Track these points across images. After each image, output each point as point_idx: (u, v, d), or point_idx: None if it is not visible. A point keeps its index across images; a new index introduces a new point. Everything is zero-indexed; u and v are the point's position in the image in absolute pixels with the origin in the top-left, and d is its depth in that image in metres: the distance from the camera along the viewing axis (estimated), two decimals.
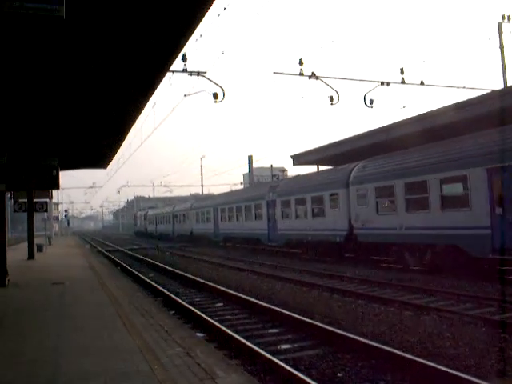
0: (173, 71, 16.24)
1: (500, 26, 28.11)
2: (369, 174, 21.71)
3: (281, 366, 7.38)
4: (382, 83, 21.09)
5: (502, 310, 11.32)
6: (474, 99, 21.86)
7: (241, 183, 77.32)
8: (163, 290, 16.05)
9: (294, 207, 28.33)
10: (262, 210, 32.84)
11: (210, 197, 52.56)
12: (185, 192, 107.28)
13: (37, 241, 31.50)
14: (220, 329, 10.03)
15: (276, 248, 31.49)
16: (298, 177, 30.32)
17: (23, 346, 7.74)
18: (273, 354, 8.22)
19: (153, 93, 14.26)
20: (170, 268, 23.36)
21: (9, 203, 27.68)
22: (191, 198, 78.88)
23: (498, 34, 28.10)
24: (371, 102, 21.07)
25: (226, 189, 72.94)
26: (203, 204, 48.95)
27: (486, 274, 15.61)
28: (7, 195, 27.22)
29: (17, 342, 8.06)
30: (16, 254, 32.06)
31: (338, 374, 7.36)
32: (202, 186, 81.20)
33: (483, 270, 16.14)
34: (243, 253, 33.89)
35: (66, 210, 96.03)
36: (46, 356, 6.98)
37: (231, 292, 14.94)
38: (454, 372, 6.72)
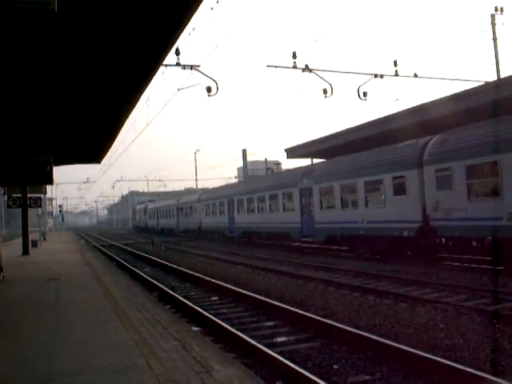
0: (166, 65, 16.21)
1: (493, 17, 28.18)
2: (455, 150, 16.95)
3: (277, 359, 7.40)
4: (376, 76, 21.12)
5: (496, 300, 11.38)
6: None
7: (235, 177, 77.33)
8: (159, 284, 16.06)
9: (338, 195, 23.30)
10: (292, 200, 27.89)
11: (223, 187, 47.26)
12: (179, 186, 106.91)
13: (31, 237, 31.41)
14: (216, 322, 10.05)
15: (311, 244, 27.66)
16: (342, 159, 24.73)
17: (18, 341, 7.72)
18: (269, 346, 8.25)
19: (146, 87, 14.22)
20: (169, 263, 23.33)
21: (2, 199, 27.62)
22: (186, 192, 78.36)
23: (491, 26, 28.16)
24: (365, 94, 21.11)
25: (220, 183, 72.50)
26: (215, 195, 43.40)
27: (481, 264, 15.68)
28: (1, 191, 27.15)
29: (12, 338, 8.04)
30: (10, 249, 31.94)
31: (334, 366, 7.38)
32: (196, 180, 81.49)
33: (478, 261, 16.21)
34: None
35: (60, 206, 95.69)
36: (42, 351, 6.97)
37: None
38: (449, 362, 6.76)
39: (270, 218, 30.86)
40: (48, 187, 39.29)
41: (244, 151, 55.67)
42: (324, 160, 28.78)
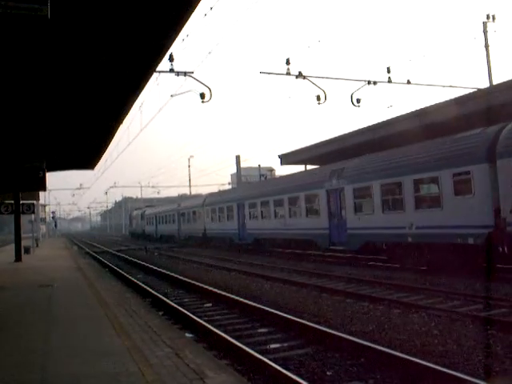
0: (159, 71, 16.21)
1: (485, 25, 28.37)
2: None
3: (270, 366, 7.37)
4: (369, 82, 21.21)
5: (489, 307, 11.41)
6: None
7: (229, 183, 77.34)
8: (153, 291, 16.00)
9: (378, 196, 20.12)
10: (318, 203, 24.61)
11: (232, 190, 44.62)
12: (172, 193, 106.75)
13: (24, 243, 31.26)
14: (209, 329, 10.02)
15: (342, 254, 23.76)
16: (383, 154, 21.19)
17: (10, 348, 7.66)
18: (262, 353, 8.23)
19: (140, 93, 14.24)
20: (162, 270, 23.26)
21: None
22: (179, 199, 77.94)
23: (483, 34, 28.36)
24: (358, 101, 21.20)
25: (214, 189, 72.28)
26: (222, 198, 39.69)
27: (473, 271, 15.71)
28: None
29: (4, 344, 7.98)
30: (3, 256, 31.85)
31: (328, 373, 7.37)
32: (190, 186, 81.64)
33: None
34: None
35: (53, 212, 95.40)
36: (34, 358, 6.92)
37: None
38: (443, 369, 6.75)
39: (289, 223, 27.26)
40: (41, 193, 39.17)
41: (237, 157, 55.69)
42: (356, 157, 23.25)
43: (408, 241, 18.44)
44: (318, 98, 20.30)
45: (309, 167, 36.30)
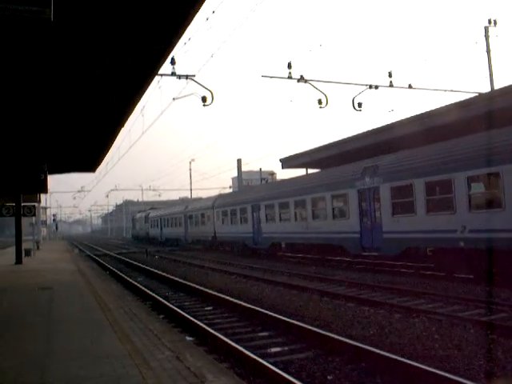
0: (161, 74, 16.23)
1: (487, 30, 28.39)
2: None
3: (270, 369, 7.37)
4: (371, 86, 21.21)
5: (490, 311, 11.39)
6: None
7: (230, 187, 77.29)
8: (153, 294, 16.00)
9: (422, 195, 17.66)
10: (348, 204, 22.22)
11: (245, 190, 40.48)
12: (173, 196, 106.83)
13: (25, 245, 31.25)
14: (210, 332, 10.02)
15: (376, 260, 21.18)
16: (427, 149, 18.65)
17: (10, 351, 7.66)
18: (262, 356, 8.22)
19: (141, 96, 14.26)
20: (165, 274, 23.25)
21: None
22: (182, 201, 77.72)
23: (484, 38, 28.38)
24: (359, 105, 21.19)
25: (215, 192, 72.12)
26: (234, 200, 36.97)
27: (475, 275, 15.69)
28: None
29: (4, 347, 7.97)
30: (3, 258, 31.85)
31: (328, 377, 7.36)
32: (191, 189, 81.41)
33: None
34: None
35: (54, 215, 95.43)
36: (34, 361, 6.91)
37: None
38: (443, 373, 6.74)
39: (312, 226, 24.80)
40: (42, 196, 39.17)
41: (239, 161, 55.71)
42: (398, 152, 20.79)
43: (460, 246, 16.05)
44: (320, 101, 20.30)
45: (310, 171, 36.19)
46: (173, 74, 16.87)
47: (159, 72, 13.75)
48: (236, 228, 35.06)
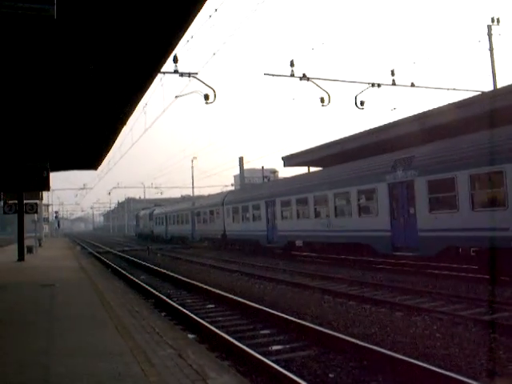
0: (164, 72, 16.24)
1: (489, 28, 28.34)
2: None
3: (272, 367, 7.38)
4: (373, 85, 21.20)
5: (492, 310, 11.39)
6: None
7: (232, 185, 77.32)
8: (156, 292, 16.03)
9: (466, 189, 16.02)
10: (376, 199, 20.60)
11: (258, 186, 38.47)
12: (175, 194, 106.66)
13: (27, 242, 31.31)
14: (211, 330, 10.03)
15: (412, 261, 19.53)
16: (473, 137, 16.76)
17: (13, 347, 7.68)
18: (264, 354, 8.24)
19: (144, 94, 14.26)
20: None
21: None
22: (182, 200, 77.44)
23: (487, 37, 28.33)
24: (362, 103, 21.18)
25: (217, 190, 71.95)
26: (246, 196, 35.04)
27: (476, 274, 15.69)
28: None
29: (6, 344, 8.00)
30: (6, 255, 31.90)
31: (330, 375, 7.37)
32: (193, 187, 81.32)
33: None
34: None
35: (56, 212, 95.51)
36: (36, 358, 6.94)
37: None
38: (445, 372, 6.75)
39: (335, 224, 23.12)
40: (44, 193, 39.21)
41: (241, 159, 55.73)
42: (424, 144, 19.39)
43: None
44: (322, 100, 20.30)
45: (312, 169, 36.15)
46: (175, 71, 16.89)
47: (162, 70, 13.75)
48: (248, 225, 33.30)
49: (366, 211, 21.65)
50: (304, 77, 19.94)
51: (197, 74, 17.39)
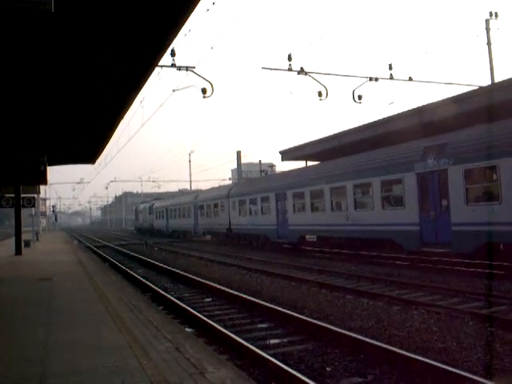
0: (161, 66, 16.21)
1: (488, 22, 28.32)
2: None
3: (270, 361, 7.40)
4: (371, 79, 21.19)
5: (489, 304, 11.43)
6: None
7: (229, 179, 77.29)
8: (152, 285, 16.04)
9: (511, 178, 14.49)
10: (402, 190, 18.81)
11: (267, 177, 36.50)
12: (173, 187, 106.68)
13: (24, 237, 31.29)
14: (209, 324, 10.05)
15: (445, 257, 18.14)
16: None
17: (11, 341, 7.69)
18: (262, 348, 8.26)
19: (141, 87, 14.23)
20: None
21: None
22: (180, 193, 77.28)
23: (485, 31, 28.32)
24: (360, 97, 21.17)
25: (214, 184, 71.90)
26: (254, 188, 33.14)
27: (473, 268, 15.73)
28: None
29: (4, 339, 8.00)
30: (3, 249, 31.87)
31: (327, 369, 7.39)
32: (191, 181, 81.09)
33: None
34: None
35: (53, 206, 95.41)
36: (34, 352, 6.94)
37: None
38: (442, 365, 6.77)
39: (355, 217, 21.44)
40: (41, 187, 39.18)
41: (238, 153, 55.67)
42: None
43: None
44: (320, 94, 20.28)
45: (309, 163, 36.10)
46: (173, 65, 16.85)
47: (159, 63, 13.72)
48: (256, 219, 31.46)
49: (390, 203, 20.00)
50: (302, 71, 19.91)
51: (194, 67, 17.36)
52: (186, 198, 51.05)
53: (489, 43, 28.09)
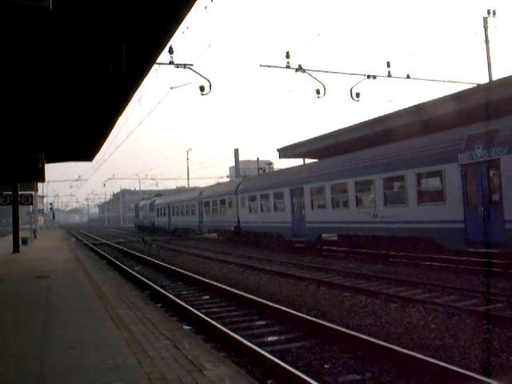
0: (159, 63, 16.18)
1: (485, 20, 28.34)
2: None
3: (268, 358, 7.40)
4: (369, 76, 21.19)
5: (487, 301, 11.45)
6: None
7: (227, 176, 77.37)
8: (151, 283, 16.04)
9: None
10: (442, 184, 16.95)
11: (281, 171, 33.37)
12: (171, 185, 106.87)
13: (22, 234, 31.26)
14: (207, 321, 10.06)
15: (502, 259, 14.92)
16: None
17: (8, 340, 7.68)
18: (260, 345, 8.27)
19: (139, 85, 14.23)
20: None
21: None
22: (177, 191, 77.14)
23: (483, 29, 28.34)
24: (357, 95, 21.18)
25: (212, 181, 71.78)
26: (266, 183, 30.73)
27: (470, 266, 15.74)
28: None
29: (2, 336, 8.00)
30: (0, 247, 31.83)
31: (325, 366, 7.40)
32: (189, 178, 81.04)
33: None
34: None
35: (51, 203, 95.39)
36: (33, 350, 6.94)
37: None
38: (439, 362, 6.79)
39: (384, 214, 19.49)
40: (39, 185, 39.14)
41: (236, 150, 55.76)
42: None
43: None
44: (318, 91, 20.28)
45: (307, 161, 36.07)
46: (171, 62, 16.82)
47: (157, 61, 13.70)
48: (268, 216, 29.30)
49: (428, 198, 17.89)
50: (300, 68, 19.91)
51: (192, 65, 17.33)
52: (190, 195, 49.35)
53: (487, 41, 28.11)
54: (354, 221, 21.26)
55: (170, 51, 16.49)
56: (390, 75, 21.49)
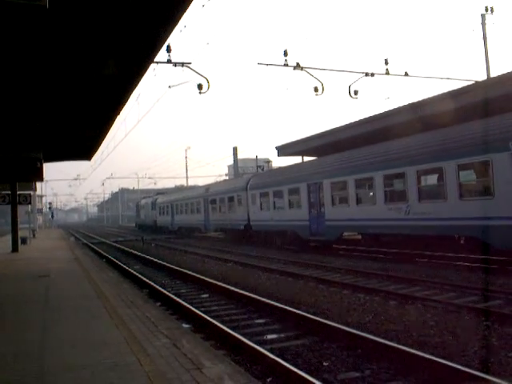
0: (157, 62, 16.15)
1: (483, 17, 28.37)
2: None
3: (267, 356, 7.41)
4: (367, 74, 21.18)
5: (485, 298, 11.46)
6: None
7: (225, 174, 77.32)
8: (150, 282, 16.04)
9: None
10: (489, 177, 15.00)
11: (296, 166, 30.65)
12: (169, 184, 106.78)
13: (21, 234, 31.23)
14: (206, 320, 10.06)
15: None
16: None
17: (8, 339, 7.68)
18: (259, 343, 8.27)
19: (137, 84, 14.22)
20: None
21: None
22: (176, 189, 76.99)
23: (481, 26, 28.36)
24: (356, 92, 21.15)
25: (211, 180, 71.73)
26: (279, 179, 28.48)
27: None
28: None
29: (1, 335, 7.99)
30: None
31: (324, 364, 7.41)
32: (187, 177, 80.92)
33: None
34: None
35: (49, 203, 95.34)
36: (32, 349, 6.94)
37: None
38: (438, 359, 6.80)
39: (419, 210, 17.59)
40: (38, 184, 39.12)
41: (235, 149, 55.72)
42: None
43: None
44: (316, 89, 20.25)
45: (306, 159, 36.07)
46: (169, 61, 16.80)
47: (155, 59, 13.69)
48: (282, 214, 27.23)
49: (471, 193, 16.31)
50: (298, 66, 19.89)
51: (190, 63, 17.31)
52: (194, 192, 47.12)
53: (484, 38, 28.14)
54: (382, 218, 19.47)
55: (168, 50, 16.47)
56: (388, 73, 21.47)
